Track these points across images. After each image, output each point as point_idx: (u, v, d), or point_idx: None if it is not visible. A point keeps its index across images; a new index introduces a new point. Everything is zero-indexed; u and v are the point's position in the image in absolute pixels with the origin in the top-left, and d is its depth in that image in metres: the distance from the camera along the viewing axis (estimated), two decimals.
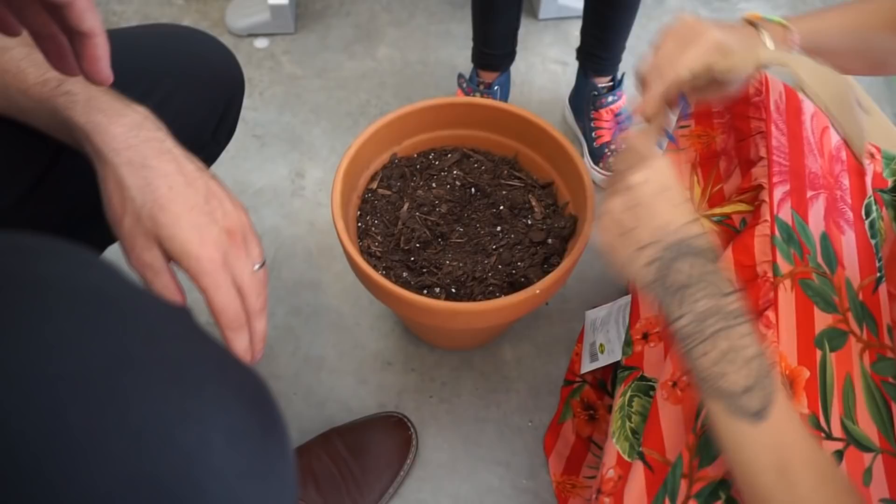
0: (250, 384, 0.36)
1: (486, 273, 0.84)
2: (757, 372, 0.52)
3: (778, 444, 0.51)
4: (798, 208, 0.70)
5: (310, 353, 1.08)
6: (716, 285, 0.54)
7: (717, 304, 0.53)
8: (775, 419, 0.51)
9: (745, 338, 0.53)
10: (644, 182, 0.58)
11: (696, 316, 0.54)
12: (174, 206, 0.50)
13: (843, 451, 0.60)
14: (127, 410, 0.28)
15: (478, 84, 1.32)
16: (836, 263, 0.68)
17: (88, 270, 0.32)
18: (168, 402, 0.30)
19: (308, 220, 1.24)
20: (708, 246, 0.55)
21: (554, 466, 0.95)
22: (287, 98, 1.43)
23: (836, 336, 0.65)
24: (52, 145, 0.56)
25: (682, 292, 0.54)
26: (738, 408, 0.52)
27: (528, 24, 1.58)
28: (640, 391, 0.72)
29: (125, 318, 0.31)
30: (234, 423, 0.32)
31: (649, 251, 0.56)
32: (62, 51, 0.42)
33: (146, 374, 0.30)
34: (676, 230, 0.56)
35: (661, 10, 1.65)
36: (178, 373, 0.31)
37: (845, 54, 0.69)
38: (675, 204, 0.57)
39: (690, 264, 0.54)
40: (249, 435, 0.33)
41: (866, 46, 0.68)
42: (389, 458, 0.93)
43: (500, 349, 1.09)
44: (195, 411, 0.31)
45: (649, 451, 0.66)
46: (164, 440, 0.29)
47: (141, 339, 0.31)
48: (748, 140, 0.76)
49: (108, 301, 0.31)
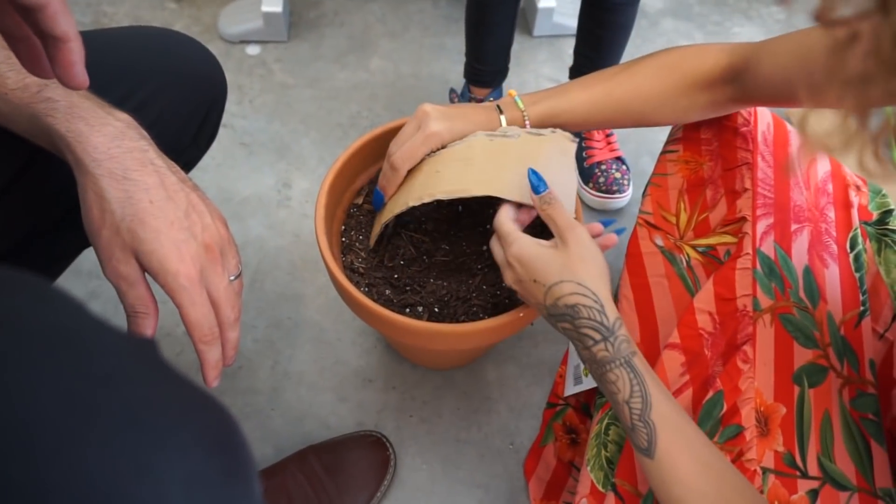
0: (215, 424, 0.34)
1: (471, 293, 0.83)
2: (631, 415, 0.56)
3: (665, 479, 0.54)
4: (781, 241, 0.70)
5: (289, 368, 1.07)
6: (581, 340, 0.60)
7: (588, 354, 0.59)
8: (661, 456, 0.54)
9: (615, 383, 0.57)
10: (513, 262, 0.64)
11: (586, 362, 0.61)
12: (154, 220, 0.50)
13: (818, 490, 0.59)
14: (76, 464, 0.26)
15: (469, 100, 1.32)
16: (818, 297, 0.68)
17: (42, 304, 0.30)
18: (122, 453, 0.28)
19: (293, 231, 1.23)
20: (567, 305, 0.60)
21: (534, 491, 0.94)
22: (277, 107, 1.42)
23: (816, 372, 0.64)
24: (28, 146, 0.55)
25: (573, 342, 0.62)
26: (633, 444, 0.57)
27: (522, 41, 1.58)
28: (616, 420, 0.72)
29: (81, 358, 0.29)
30: (194, 471, 0.30)
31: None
32: (35, 53, 0.42)
33: (100, 423, 0.28)
34: (543, 303, 0.62)
35: (655, 32, 1.66)
36: (136, 419, 0.29)
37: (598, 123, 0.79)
38: (539, 274, 0.62)
39: (563, 328, 0.61)
40: (212, 481, 0.31)
41: (623, 115, 0.77)
42: (366, 478, 0.92)
43: (482, 369, 1.08)
44: (151, 463, 0.29)
45: (621, 482, 0.65)
46: (116, 496, 0.27)
47: (97, 382, 0.29)
48: (734, 170, 0.75)
49: (62, 339, 0.29)
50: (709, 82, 0.72)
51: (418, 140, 0.73)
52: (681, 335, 0.68)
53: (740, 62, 0.69)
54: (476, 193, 0.69)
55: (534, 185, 0.67)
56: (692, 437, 0.55)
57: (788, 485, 0.59)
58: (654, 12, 1.70)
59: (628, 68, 0.75)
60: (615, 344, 0.57)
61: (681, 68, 0.73)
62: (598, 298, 0.59)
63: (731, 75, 0.70)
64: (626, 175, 1.26)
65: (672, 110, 0.75)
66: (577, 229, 0.63)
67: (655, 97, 0.74)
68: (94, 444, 0.27)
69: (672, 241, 0.78)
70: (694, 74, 0.72)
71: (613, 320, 0.58)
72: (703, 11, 1.72)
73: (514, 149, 0.71)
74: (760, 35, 1.69)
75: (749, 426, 0.60)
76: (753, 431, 0.59)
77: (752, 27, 1.70)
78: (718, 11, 1.72)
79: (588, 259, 0.61)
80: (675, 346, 0.68)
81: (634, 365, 0.57)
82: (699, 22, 1.69)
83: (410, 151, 0.73)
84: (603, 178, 1.25)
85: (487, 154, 0.71)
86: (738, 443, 0.59)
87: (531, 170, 0.67)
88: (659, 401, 0.56)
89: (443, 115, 0.74)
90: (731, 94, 0.71)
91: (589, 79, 0.77)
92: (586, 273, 0.60)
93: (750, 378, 0.62)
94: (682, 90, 0.73)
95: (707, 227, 0.78)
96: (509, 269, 0.65)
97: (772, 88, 0.67)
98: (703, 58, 0.72)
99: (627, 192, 1.26)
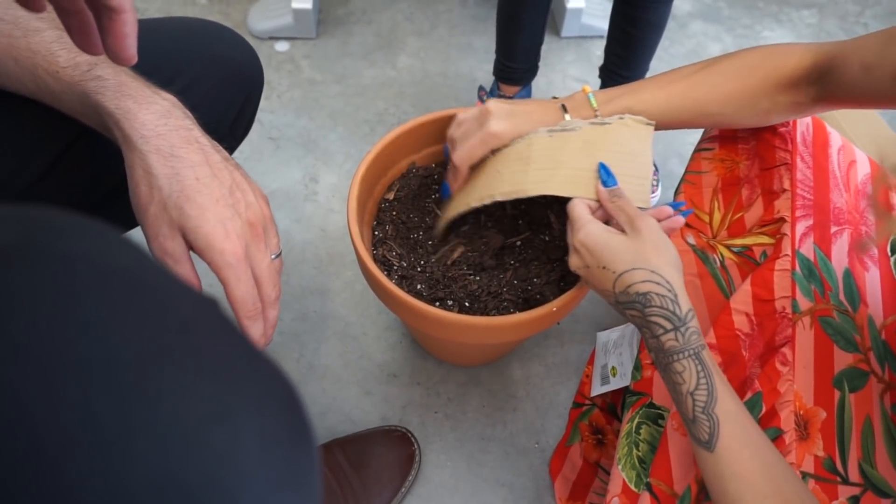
0: (282, 386, 0.33)
1: (502, 288, 0.82)
2: (693, 407, 0.56)
3: (724, 474, 0.53)
4: (821, 243, 0.69)
5: (314, 362, 1.07)
6: (649, 328, 0.59)
7: (655, 343, 0.58)
8: (721, 450, 0.54)
9: (680, 374, 0.57)
10: (579, 248, 0.64)
11: (651, 350, 0.60)
12: (200, 197, 0.50)
13: (859, 497, 0.58)
14: (158, 405, 0.26)
15: (498, 97, 1.32)
16: (858, 301, 0.67)
17: (119, 250, 0.30)
18: (202, 398, 0.27)
19: (319, 225, 1.23)
20: (639, 293, 0.59)
21: (560, 490, 0.93)
22: (305, 102, 1.42)
23: (857, 376, 0.63)
24: (73, 125, 0.56)
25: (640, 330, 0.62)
26: (692, 436, 0.56)
27: (549, 42, 1.58)
28: (648, 419, 0.71)
29: (159, 304, 0.29)
30: (267, 427, 0.29)
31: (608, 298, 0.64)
32: (87, 28, 0.42)
33: (180, 367, 0.27)
34: (612, 290, 0.61)
35: (683, 34, 1.64)
36: (213, 367, 0.29)
37: (676, 123, 0.76)
38: (608, 261, 0.61)
39: (631, 315, 0.60)
40: (283, 441, 0.30)
41: (700, 115, 0.75)
42: (391, 473, 0.91)
43: (508, 367, 1.08)
44: (229, 410, 0.28)
45: (657, 481, 0.65)
46: (196, 440, 0.26)
47: (176, 329, 0.28)
48: (772, 170, 0.74)
49: (140, 285, 0.29)
50: (792, 83, 0.69)
51: (477, 140, 0.73)
52: (717, 335, 0.67)
53: (825, 61, 0.66)
54: (532, 193, 0.69)
55: (603, 179, 0.67)
56: (755, 436, 0.54)
57: (829, 490, 0.58)
58: (682, 14, 1.69)
59: (707, 67, 0.73)
60: (685, 335, 0.57)
61: (763, 68, 0.70)
62: (671, 287, 0.58)
63: (815, 76, 0.67)
64: (655, 176, 1.25)
65: (753, 112, 0.72)
66: (649, 219, 0.62)
67: (736, 98, 0.71)
68: (170, 385, 0.27)
69: (705, 240, 0.77)
70: (777, 75, 0.69)
71: (686, 311, 0.58)
72: (732, 14, 1.70)
73: (574, 141, 0.70)
74: (790, 39, 1.67)
75: (788, 430, 0.59)
76: (793, 435, 0.58)
77: (783, 31, 1.68)
78: (748, 15, 1.71)
79: (661, 248, 0.60)
80: (712, 347, 0.67)
81: (703, 358, 0.56)
82: (728, 25, 1.68)
83: (469, 151, 0.73)
84: None
85: (546, 151, 0.70)
86: (778, 446, 0.58)
87: (601, 164, 0.67)
88: (725, 396, 0.55)
89: (506, 114, 0.73)
90: (815, 95, 0.68)
91: (664, 77, 0.75)
92: (660, 261, 0.59)
93: (789, 381, 0.61)
94: (765, 91, 0.70)
95: (742, 227, 0.77)
96: (575, 255, 0.65)
97: (859, 90, 0.64)
98: (786, 57, 0.69)
99: (656, 193, 1.25)
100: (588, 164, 0.69)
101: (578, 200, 0.68)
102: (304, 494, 0.31)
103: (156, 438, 0.25)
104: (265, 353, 0.33)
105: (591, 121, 0.72)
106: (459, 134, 0.76)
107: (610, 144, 0.70)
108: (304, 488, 0.31)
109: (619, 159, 0.69)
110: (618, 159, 0.69)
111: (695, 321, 0.58)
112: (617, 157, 0.69)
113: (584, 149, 0.70)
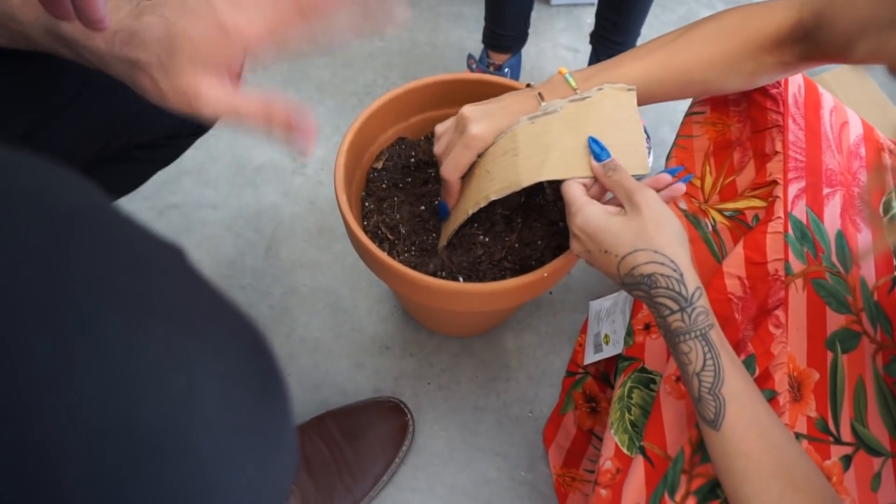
0: (246, 331, 0.31)
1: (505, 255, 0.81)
2: (699, 388, 0.55)
3: (729, 451, 0.53)
4: (813, 205, 0.68)
5: (306, 335, 1.06)
6: (656, 309, 0.58)
7: (663, 323, 0.58)
8: (727, 429, 0.53)
9: (687, 355, 0.56)
10: (578, 233, 0.63)
11: (660, 329, 0.59)
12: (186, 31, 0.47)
13: (851, 456, 0.58)
14: (102, 344, 0.24)
15: (488, 65, 1.30)
16: (851, 262, 0.67)
17: (65, 187, 0.27)
18: (151, 337, 0.25)
19: (309, 199, 1.22)
20: (643, 275, 0.58)
21: (554, 458, 0.93)
22: (291, 74, 1.40)
23: (849, 337, 0.63)
24: (50, 93, 0.53)
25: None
26: (698, 413, 0.55)
27: (539, 10, 1.55)
28: (640, 383, 0.71)
29: (107, 243, 0.27)
30: (229, 371, 0.28)
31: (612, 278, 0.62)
32: None
33: (128, 305, 0.25)
34: (617, 273, 0.60)
35: (675, 0, 1.62)
36: (166, 308, 0.27)
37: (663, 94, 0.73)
38: (610, 245, 0.60)
39: (638, 295, 0.59)
40: (247, 385, 0.29)
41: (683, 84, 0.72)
42: (385, 443, 0.91)
43: (501, 337, 1.08)
44: (186, 353, 0.26)
45: (650, 445, 0.65)
46: (147, 382, 0.25)
47: (125, 268, 0.26)
48: (764, 133, 0.73)
49: (87, 223, 0.27)
50: (777, 42, 0.67)
51: (460, 148, 0.71)
52: (710, 299, 0.67)
53: (811, 17, 0.64)
54: (526, 184, 0.67)
55: (595, 153, 0.65)
56: (763, 415, 0.53)
57: (821, 450, 0.58)
58: None
59: (685, 34, 0.70)
60: (692, 315, 0.55)
61: (745, 29, 0.67)
62: (677, 266, 0.56)
63: (801, 33, 0.65)
64: (647, 143, 1.24)
65: (738, 76, 0.70)
66: (648, 192, 0.60)
67: (719, 63, 0.69)
68: (117, 326, 0.25)
69: (697, 204, 0.76)
70: (760, 35, 0.67)
71: (693, 290, 0.56)
72: None
73: (558, 123, 0.68)
74: None
75: (782, 391, 0.58)
76: (786, 396, 0.58)
77: None
78: None
79: (663, 224, 0.58)
80: None
81: (710, 338, 0.55)
82: None
83: (455, 162, 0.72)
84: None
85: (531, 138, 0.69)
86: (772, 407, 0.58)
87: (591, 138, 0.65)
88: (732, 376, 0.54)
89: (482, 114, 0.71)
90: (801, 53, 0.67)
91: (642, 49, 0.72)
92: (663, 239, 0.57)
93: (782, 343, 0.60)
94: (749, 53, 0.68)
95: (734, 190, 0.76)
96: (576, 240, 0.63)
97: (851, 43, 0.62)
98: (769, 16, 0.67)
99: (648, 161, 1.24)
100: (577, 143, 0.67)
101: (572, 181, 0.66)
102: (272, 441, 0.29)
103: (101, 381, 0.24)
104: (229, 300, 0.32)
105: (571, 98, 0.70)
106: (442, 148, 0.74)
107: (594, 118, 0.68)
108: (272, 435, 0.29)
109: (607, 131, 0.67)
110: (606, 131, 0.67)
111: (703, 300, 0.56)
112: (605, 129, 0.67)
113: (570, 128, 0.68)
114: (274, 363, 0.32)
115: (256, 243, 1.16)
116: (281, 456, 0.30)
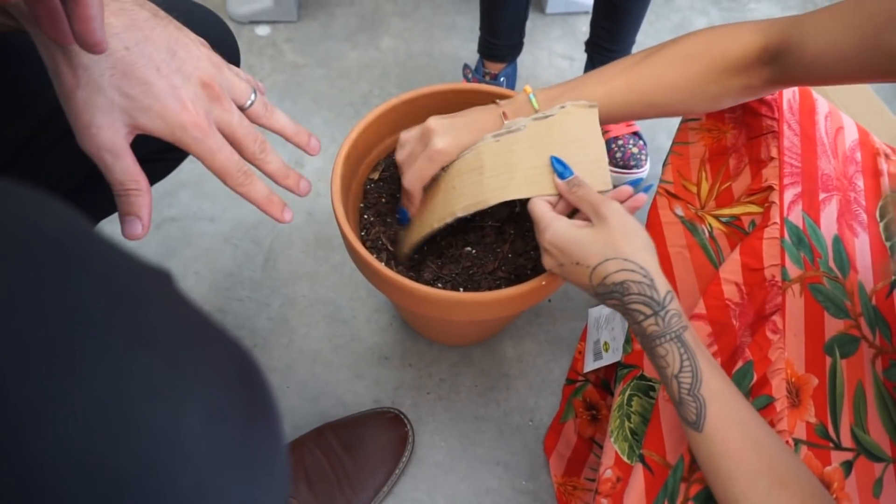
0: (236, 358, 0.31)
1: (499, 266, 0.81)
2: (679, 390, 0.56)
3: (713, 452, 0.53)
4: (809, 211, 0.68)
5: (304, 346, 1.06)
6: (630, 315, 0.59)
7: (638, 329, 0.58)
8: (709, 430, 0.54)
9: (664, 358, 0.56)
10: (549, 248, 0.64)
11: (637, 335, 0.60)
12: (138, 70, 0.44)
13: (852, 462, 0.58)
14: (82, 381, 0.23)
15: (483, 75, 1.30)
16: (848, 267, 0.67)
17: (45, 216, 0.26)
18: (134, 374, 0.25)
19: (306, 209, 1.22)
20: (615, 283, 0.59)
21: (555, 467, 0.93)
22: (288, 86, 1.41)
23: (848, 342, 0.63)
24: (35, 116, 0.52)
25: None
26: (680, 416, 0.56)
27: (534, 19, 1.56)
28: (639, 391, 0.71)
29: (87, 272, 0.26)
30: (215, 402, 0.27)
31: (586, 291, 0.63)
32: (55, 15, 0.40)
33: (110, 340, 0.25)
34: (589, 284, 0.61)
35: (669, 8, 1.63)
36: (148, 340, 0.26)
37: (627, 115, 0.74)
38: (580, 256, 0.61)
39: (612, 304, 0.60)
40: (233, 416, 0.28)
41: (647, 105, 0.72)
42: (384, 455, 0.91)
43: (500, 346, 1.07)
44: (168, 386, 0.25)
45: (650, 453, 0.64)
46: (128, 420, 0.24)
47: (105, 298, 0.26)
48: (759, 139, 0.74)
49: (66, 252, 0.26)
50: (742, 66, 0.67)
51: (424, 159, 0.72)
52: (707, 306, 0.67)
53: (777, 42, 0.64)
54: (493, 202, 0.69)
55: (559, 171, 0.66)
56: (744, 413, 0.54)
57: (822, 456, 0.58)
58: None
59: (649, 57, 0.70)
60: (665, 318, 0.56)
61: (709, 54, 0.67)
62: (647, 273, 0.57)
63: (767, 57, 0.65)
64: (644, 150, 1.24)
65: (702, 99, 0.70)
66: (612, 204, 0.62)
67: (683, 88, 0.69)
68: (101, 361, 0.24)
69: (693, 210, 0.76)
70: (724, 59, 0.67)
71: (664, 294, 0.57)
72: None
73: (522, 141, 0.69)
74: (778, 12, 1.66)
75: (780, 397, 0.58)
76: (784, 402, 0.58)
77: (770, 3, 1.67)
78: None
79: (630, 233, 0.60)
80: (701, 317, 0.67)
81: (685, 340, 0.56)
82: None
83: (418, 173, 0.73)
84: (620, 154, 1.23)
85: (496, 157, 0.70)
86: (769, 413, 0.58)
87: (553, 157, 0.67)
88: (710, 376, 0.55)
89: (447, 128, 0.72)
90: (768, 77, 0.66)
91: (606, 70, 0.72)
92: (631, 247, 0.59)
93: (780, 348, 0.60)
94: (712, 77, 0.68)
95: (730, 196, 0.76)
96: (547, 255, 0.65)
97: (821, 68, 0.61)
98: (734, 40, 0.67)
99: (645, 167, 1.24)
100: (541, 161, 0.69)
101: (537, 199, 0.67)
102: (262, 474, 0.29)
103: (81, 419, 0.23)
104: (217, 324, 0.31)
105: (534, 116, 0.71)
106: (404, 157, 0.75)
107: (557, 136, 0.69)
108: (262, 468, 0.29)
109: (569, 148, 0.69)
110: (569, 149, 0.68)
111: (674, 303, 0.57)
112: (567, 147, 0.69)
113: (534, 146, 0.69)
114: (262, 387, 0.31)
115: (254, 255, 1.16)
116: (271, 482, 0.30)
